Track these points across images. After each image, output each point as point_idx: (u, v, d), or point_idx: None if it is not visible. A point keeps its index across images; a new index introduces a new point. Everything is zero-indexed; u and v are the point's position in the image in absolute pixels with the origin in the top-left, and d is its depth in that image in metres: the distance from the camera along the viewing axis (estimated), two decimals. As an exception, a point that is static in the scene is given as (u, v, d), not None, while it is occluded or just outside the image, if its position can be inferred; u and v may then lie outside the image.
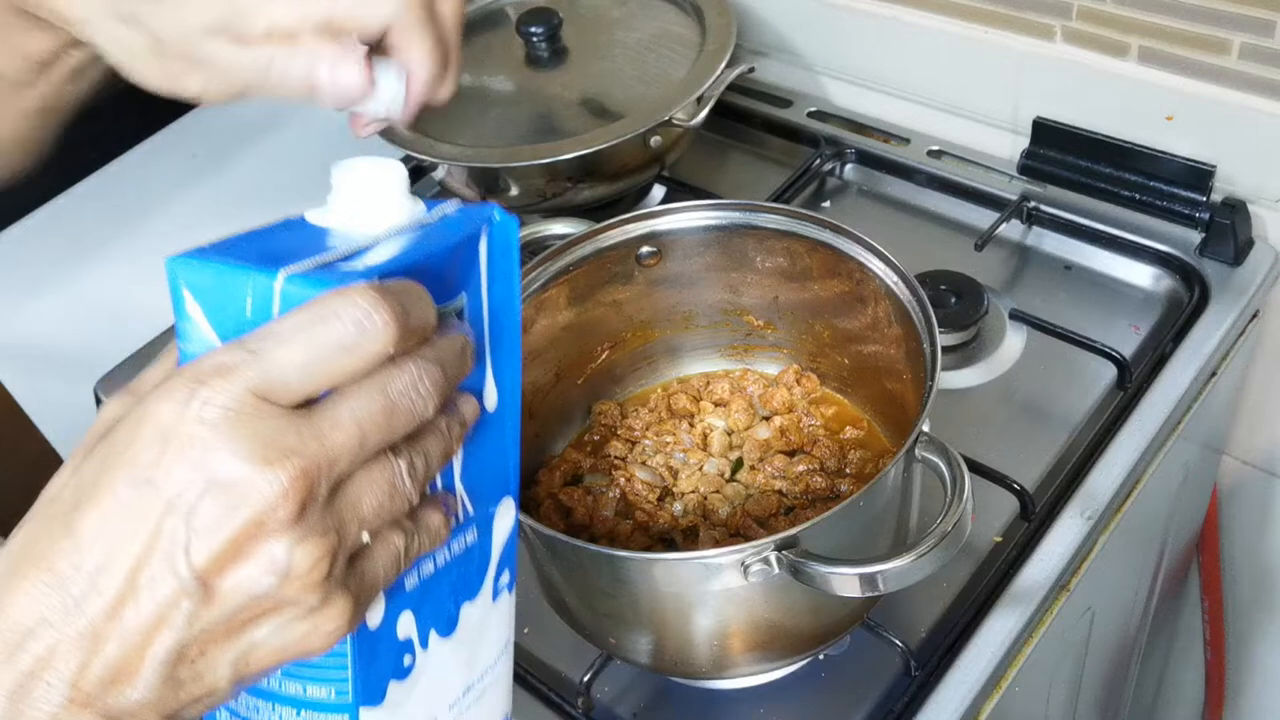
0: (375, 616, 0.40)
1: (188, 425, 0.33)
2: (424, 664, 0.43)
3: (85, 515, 0.33)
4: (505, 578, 0.47)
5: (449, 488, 0.43)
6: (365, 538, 0.36)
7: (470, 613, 0.46)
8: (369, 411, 0.35)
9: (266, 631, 0.35)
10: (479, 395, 0.43)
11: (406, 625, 0.42)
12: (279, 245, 0.38)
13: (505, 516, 0.46)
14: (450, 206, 0.43)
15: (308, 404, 0.35)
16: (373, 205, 0.41)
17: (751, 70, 0.96)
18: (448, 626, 0.45)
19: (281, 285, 0.35)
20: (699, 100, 0.93)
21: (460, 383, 0.40)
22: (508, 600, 0.48)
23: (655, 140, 0.92)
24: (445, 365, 0.37)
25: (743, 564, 0.56)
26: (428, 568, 0.43)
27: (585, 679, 0.70)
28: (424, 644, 0.43)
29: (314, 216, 0.41)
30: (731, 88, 0.96)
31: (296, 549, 0.33)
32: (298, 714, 0.40)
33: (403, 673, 0.42)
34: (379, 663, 0.41)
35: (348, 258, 0.38)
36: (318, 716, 0.40)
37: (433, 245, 0.40)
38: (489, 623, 0.47)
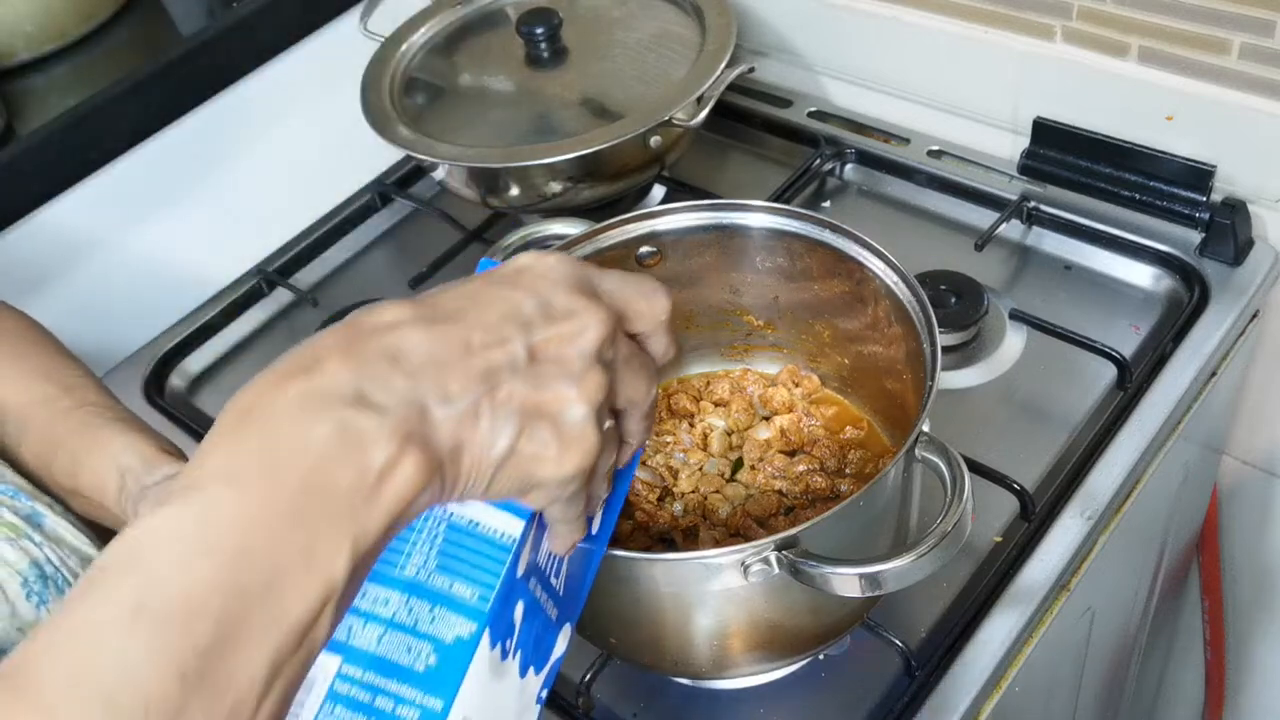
0: (522, 565, 0.45)
1: (541, 262, 0.44)
2: (503, 672, 0.45)
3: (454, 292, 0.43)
4: (544, 691, 0.49)
5: (555, 573, 0.49)
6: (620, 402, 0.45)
7: (523, 683, 0.47)
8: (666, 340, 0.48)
9: (538, 432, 0.41)
10: (591, 519, 0.50)
11: (519, 618, 0.45)
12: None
13: (564, 639, 0.51)
14: None
15: None
16: None
17: (751, 70, 0.96)
18: (521, 671, 0.46)
19: None
20: (699, 100, 0.93)
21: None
22: (534, 709, 0.49)
23: (655, 140, 0.92)
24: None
25: (743, 564, 0.56)
26: (540, 598, 0.47)
27: (585, 679, 0.70)
28: (514, 653, 0.45)
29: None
30: (731, 88, 0.96)
31: (590, 373, 0.42)
32: (432, 609, 0.43)
33: (504, 651, 0.44)
34: (508, 608, 0.44)
35: None
36: (451, 618, 0.42)
37: None
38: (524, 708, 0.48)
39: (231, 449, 0.36)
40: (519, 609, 0.46)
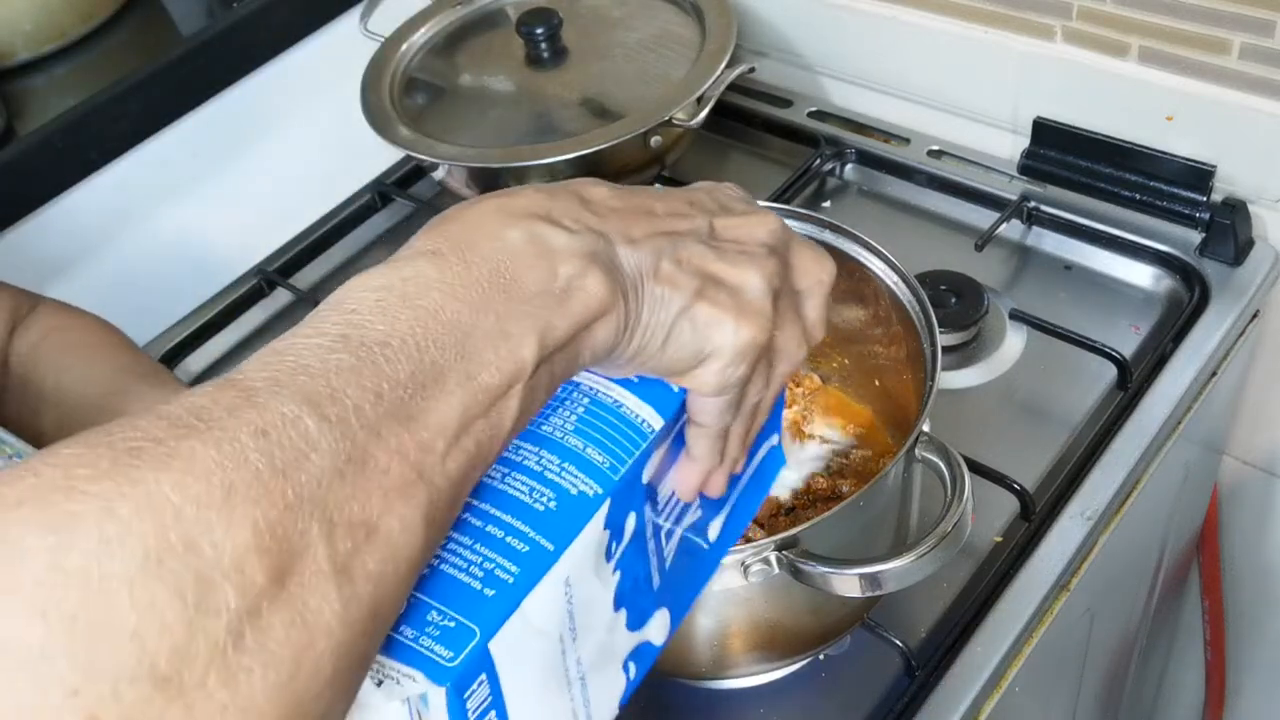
0: (649, 470, 0.45)
1: (718, 185, 0.48)
2: (604, 575, 0.44)
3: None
4: (634, 669, 0.49)
5: (668, 531, 0.48)
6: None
7: (614, 618, 0.46)
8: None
9: (718, 295, 0.42)
10: (718, 511, 0.51)
11: (629, 530, 0.44)
12: None
13: (661, 625, 0.50)
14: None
15: None
16: None
17: (751, 70, 0.96)
18: (618, 604, 0.45)
19: None
20: (699, 100, 0.93)
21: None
22: (620, 682, 0.48)
23: (655, 140, 0.92)
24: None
25: (743, 564, 0.56)
26: (652, 552, 0.47)
27: (585, 679, 0.70)
28: (615, 566, 0.44)
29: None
30: (731, 88, 0.96)
31: (768, 258, 0.44)
32: (562, 463, 0.42)
33: (609, 551, 0.43)
34: (626, 505, 0.44)
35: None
36: (579, 475, 0.42)
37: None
38: (610, 675, 0.47)
39: (432, 235, 0.39)
40: (630, 521, 0.45)
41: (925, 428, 0.60)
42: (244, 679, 0.28)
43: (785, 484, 0.72)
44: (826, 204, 1.02)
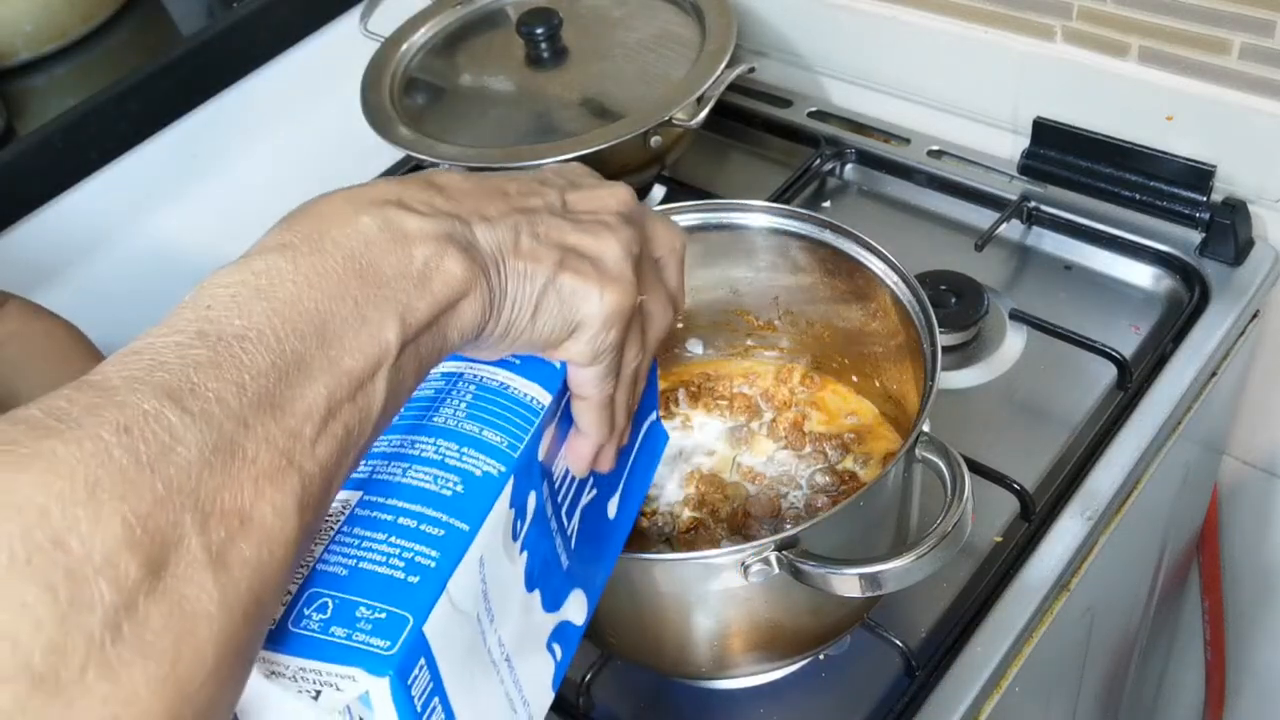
0: (543, 449, 0.46)
1: (564, 165, 0.50)
2: (512, 555, 0.44)
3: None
4: (559, 651, 0.49)
5: (568, 509, 0.49)
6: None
7: (528, 599, 0.47)
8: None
9: (579, 265, 0.43)
10: (613, 489, 0.53)
11: (531, 509, 0.45)
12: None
13: (578, 605, 0.51)
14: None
15: None
16: None
17: (751, 70, 0.96)
18: (530, 584, 0.46)
19: None
20: (699, 100, 0.92)
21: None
22: (548, 665, 0.49)
23: (655, 140, 0.92)
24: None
25: (743, 564, 0.56)
26: (565, 516, 0.48)
27: (585, 679, 0.70)
28: (521, 546, 0.45)
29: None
30: (731, 88, 0.95)
31: (623, 226, 0.45)
32: (460, 448, 0.43)
33: (514, 530, 0.44)
34: (526, 485, 0.44)
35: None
36: (480, 457, 0.43)
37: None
38: (535, 657, 0.47)
39: (283, 229, 0.39)
40: (531, 499, 0.45)
41: (925, 428, 0.60)
42: (124, 672, 0.28)
43: (785, 484, 0.72)
44: (826, 204, 1.02)
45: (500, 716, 0.45)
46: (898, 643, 0.69)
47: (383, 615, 0.38)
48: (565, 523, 0.49)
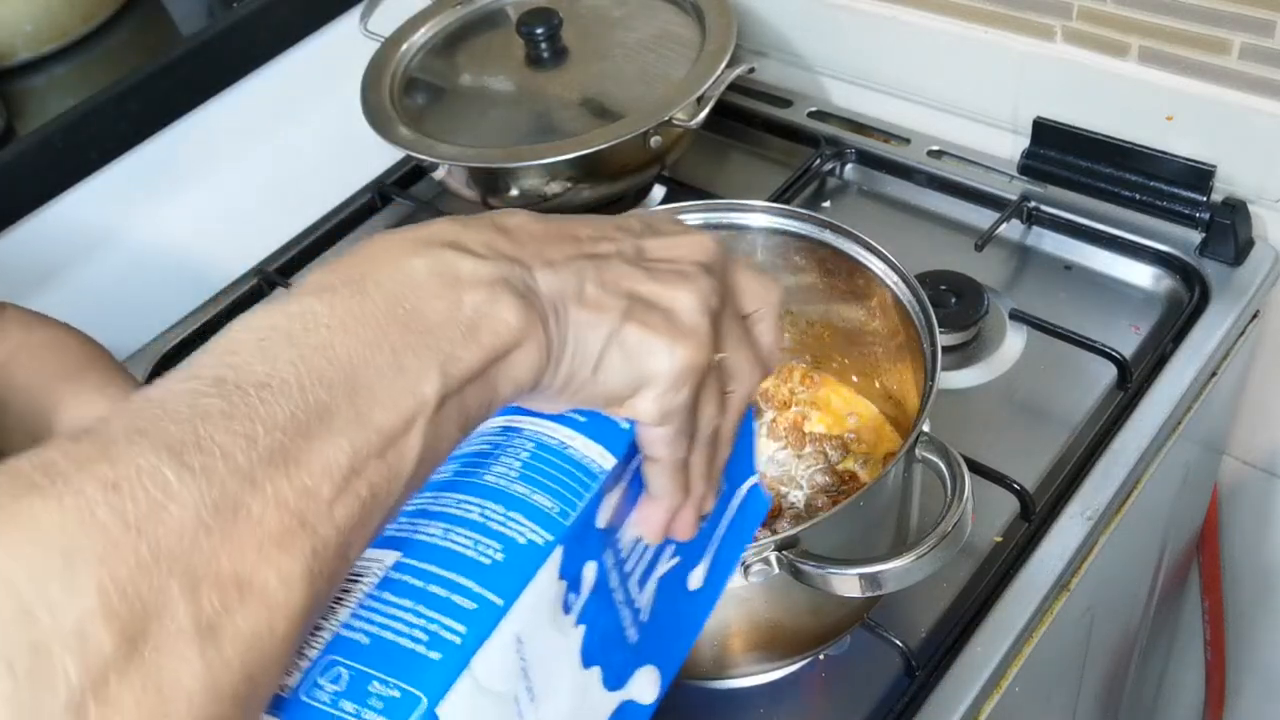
0: (604, 516, 0.42)
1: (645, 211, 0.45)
2: (562, 628, 0.41)
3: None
4: None
5: (639, 579, 0.46)
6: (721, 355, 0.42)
7: (585, 676, 0.43)
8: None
9: (648, 316, 0.39)
10: (697, 559, 0.48)
11: (588, 581, 0.41)
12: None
13: (649, 682, 0.47)
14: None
15: None
16: None
17: (751, 70, 0.96)
18: (588, 660, 0.42)
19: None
20: (699, 100, 0.92)
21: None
22: None
23: (655, 140, 0.92)
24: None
25: (743, 564, 0.56)
26: (621, 603, 0.44)
27: (585, 679, 0.70)
28: (577, 619, 0.41)
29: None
30: (731, 88, 0.95)
31: (702, 276, 0.41)
32: (507, 512, 0.39)
33: (566, 603, 0.41)
34: (581, 554, 0.41)
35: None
36: (526, 524, 0.39)
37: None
38: None
39: (327, 270, 0.36)
40: (589, 570, 0.41)
41: (925, 428, 0.60)
42: None
43: (785, 484, 0.72)
44: (826, 204, 1.02)
45: None
46: (898, 643, 0.69)
47: (396, 693, 0.35)
48: (634, 594, 0.45)
